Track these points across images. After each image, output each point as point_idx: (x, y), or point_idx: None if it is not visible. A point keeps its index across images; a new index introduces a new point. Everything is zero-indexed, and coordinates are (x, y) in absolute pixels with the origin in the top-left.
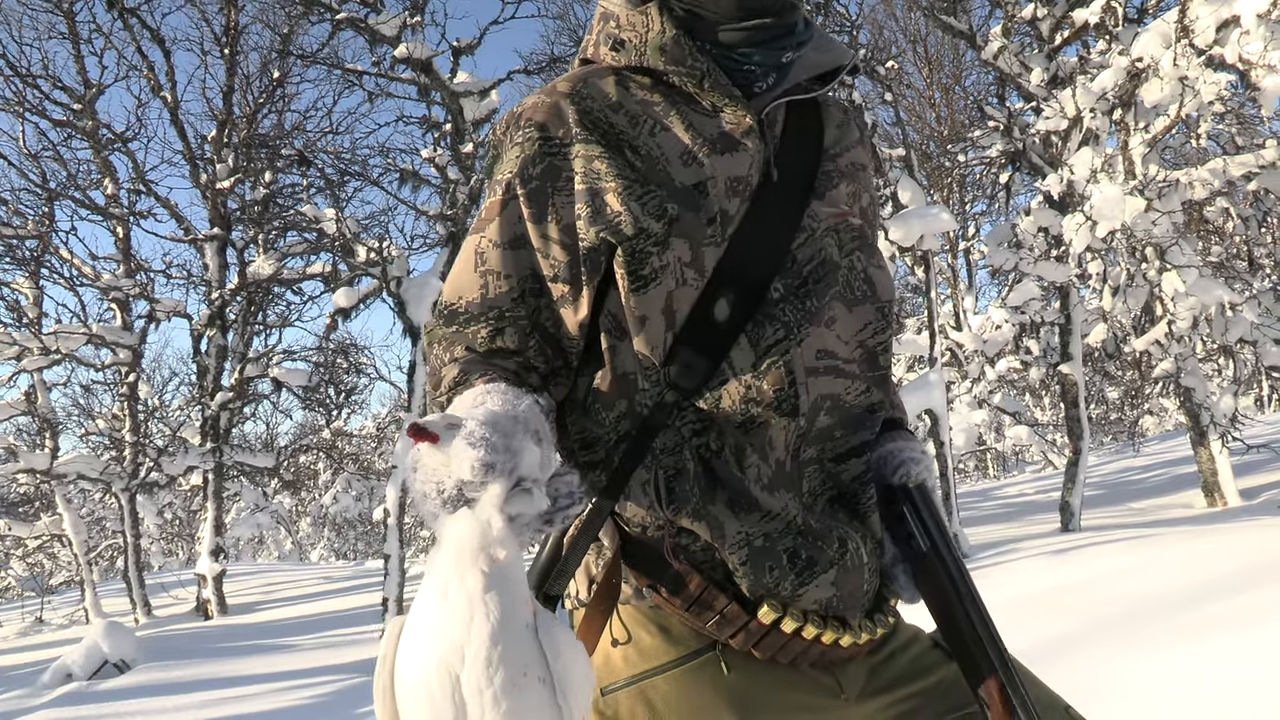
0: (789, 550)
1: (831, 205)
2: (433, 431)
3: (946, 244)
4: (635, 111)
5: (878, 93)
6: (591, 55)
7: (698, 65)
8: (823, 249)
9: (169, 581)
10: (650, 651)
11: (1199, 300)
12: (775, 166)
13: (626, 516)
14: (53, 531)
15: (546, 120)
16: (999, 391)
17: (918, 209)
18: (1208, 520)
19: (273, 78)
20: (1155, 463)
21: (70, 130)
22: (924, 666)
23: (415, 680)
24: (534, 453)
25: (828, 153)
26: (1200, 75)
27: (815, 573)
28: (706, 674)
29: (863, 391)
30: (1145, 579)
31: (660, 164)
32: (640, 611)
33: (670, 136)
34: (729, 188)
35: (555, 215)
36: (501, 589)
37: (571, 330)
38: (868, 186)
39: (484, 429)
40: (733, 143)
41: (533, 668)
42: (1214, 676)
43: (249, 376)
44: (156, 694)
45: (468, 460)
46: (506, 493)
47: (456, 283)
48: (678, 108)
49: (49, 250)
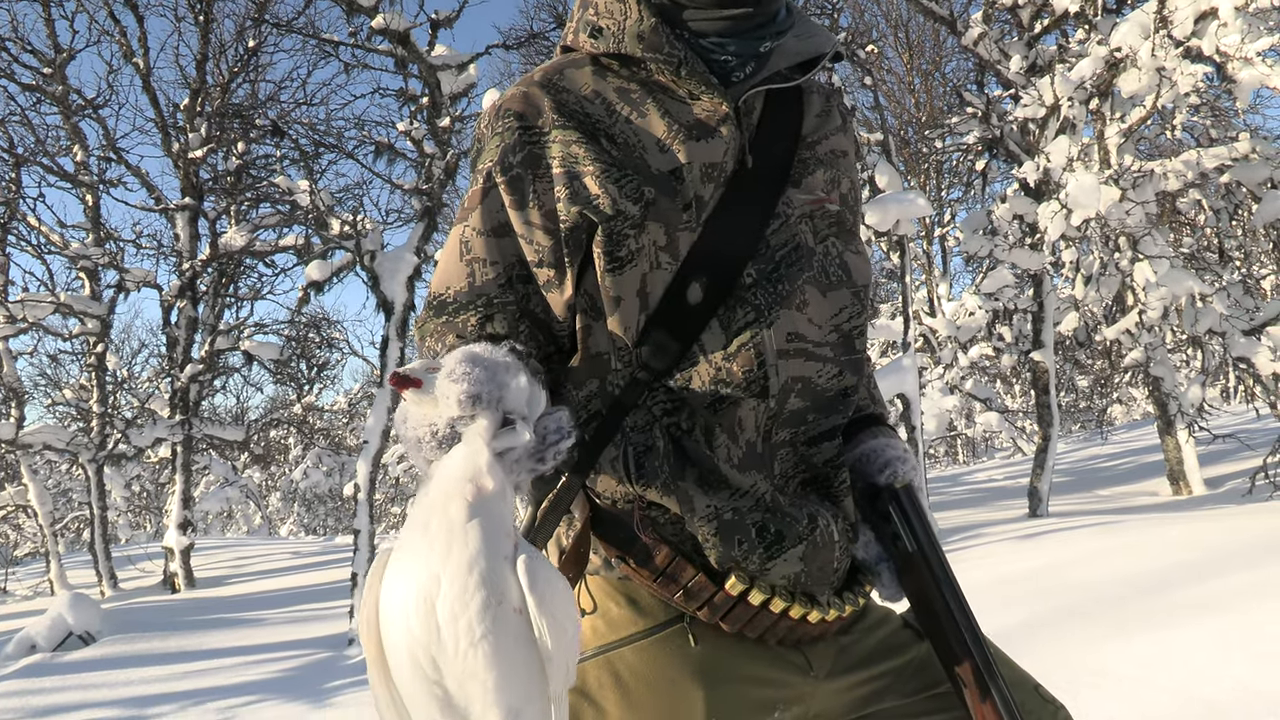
0: (758, 524)
1: (808, 192)
2: (415, 378)
3: (922, 230)
4: (611, 99)
5: (857, 76)
6: (571, 42)
7: (675, 52)
8: (796, 235)
9: (136, 554)
10: (618, 622)
11: (1170, 291)
12: (751, 153)
13: (597, 490)
14: (17, 502)
15: (524, 110)
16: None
17: (894, 194)
18: (1173, 508)
19: (247, 46)
20: (1123, 450)
21: (39, 95)
22: (894, 646)
23: (395, 610)
24: (521, 387)
25: (805, 140)
26: (1178, 66)
27: (784, 547)
28: (674, 645)
29: (835, 375)
30: (1111, 564)
31: (637, 150)
32: (609, 582)
33: (647, 123)
34: (704, 174)
35: (536, 201)
36: (484, 519)
37: (560, 314)
38: (848, 173)
39: (464, 364)
40: (708, 130)
41: (509, 597)
42: (1178, 661)
43: (219, 349)
44: (122, 666)
45: (454, 394)
46: (494, 426)
47: (444, 273)
48: (654, 95)
49: (16, 217)
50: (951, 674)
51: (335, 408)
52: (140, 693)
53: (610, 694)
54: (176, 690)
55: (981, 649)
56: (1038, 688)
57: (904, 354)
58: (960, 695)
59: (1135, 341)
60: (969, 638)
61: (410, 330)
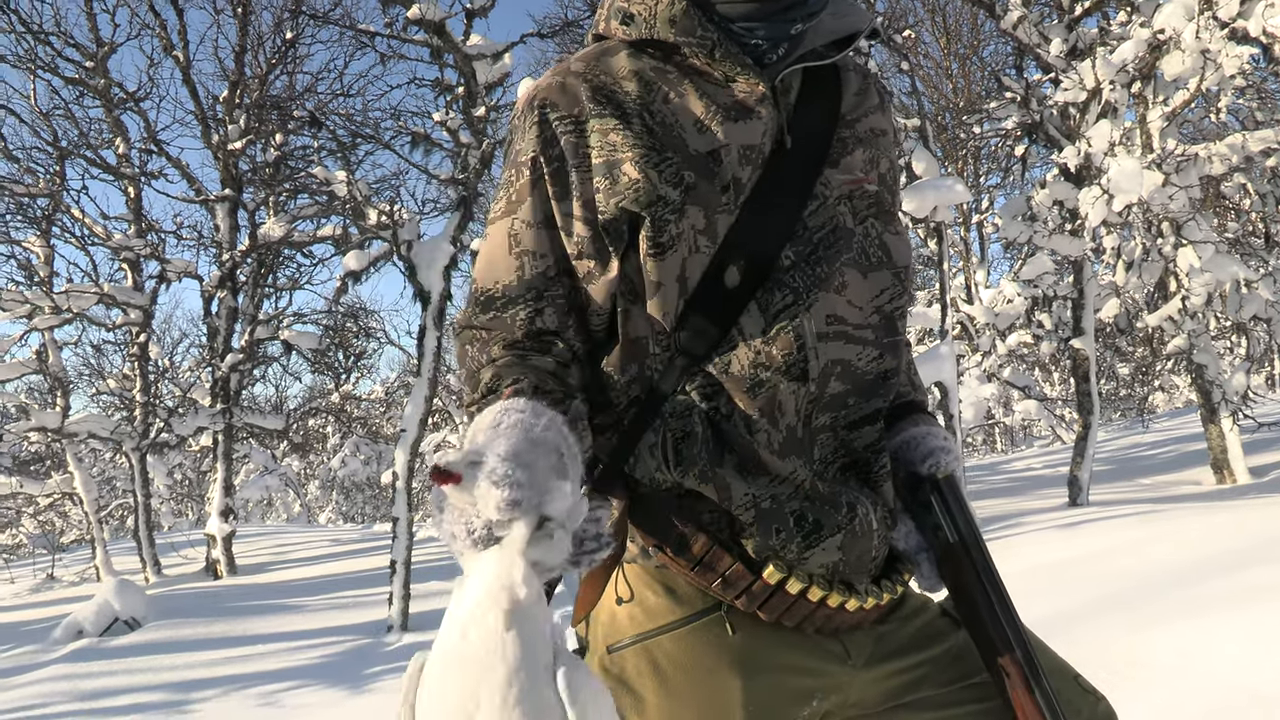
0: (796, 513)
1: (846, 172)
2: (455, 472)
3: (959, 216)
4: (650, 80)
5: (894, 61)
6: (603, 30)
7: (708, 35)
8: (835, 216)
9: (179, 541)
10: (656, 611)
11: (1214, 276)
12: (789, 134)
13: (635, 477)
14: (64, 490)
15: (560, 99)
16: (1009, 366)
17: (932, 180)
18: (1216, 497)
19: (285, 38)
20: (1164, 439)
21: (82, 88)
22: (932, 634)
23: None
24: (564, 494)
25: (844, 119)
26: (1223, 48)
27: (822, 536)
28: (711, 634)
29: (875, 358)
30: (1153, 554)
31: (675, 131)
32: (646, 571)
33: (684, 105)
34: (742, 156)
35: (578, 191)
36: (522, 629)
37: (602, 305)
38: (887, 152)
39: (506, 465)
40: (746, 111)
41: (550, 713)
42: (1220, 652)
43: (259, 339)
44: (167, 651)
45: (493, 500)
46: (531, 533)
47: (490, 268)
48: (690, 78)
49: (60, 209)
50: (991, 665)
51: (373, 396)
52: (184, 677)
53: (648, 682)
54: (220, 675)
55: (1022, 640)
56: (1077, 678)
57: (941, 341)
58: (1000, 686)
59: (1178, 328)
60: (1010, 629)
61: (448, 319)
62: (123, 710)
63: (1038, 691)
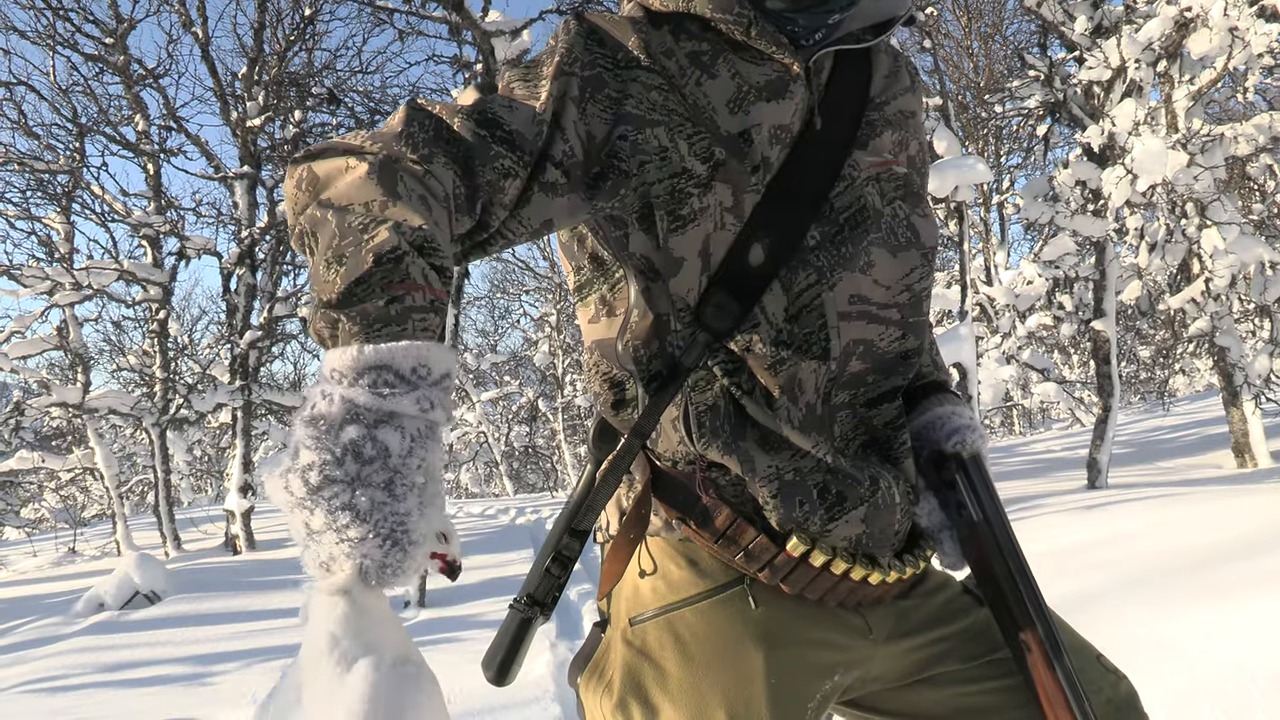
0: (819, 485)
1: (875, 154)
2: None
3: (980, 197)
4: (692, 50)
5: (915, 40)
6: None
7: (745, 13)
8: (861, 197)
9: (198, 517)
10: (679, 584)
11: (1238, 258)
12: (819, 115)
13: (658, 451)
14: (85, 465)
15: (607, 38)
16: (1028, 348)
17: (953, 159)
18: (1237, 480)
19: (304, 14)
20: (1185, 422)
21: (101, 65)
22: (954, 610)
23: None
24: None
25: (874, 101)
26: (1251, 26)
27: (845, 508)
28: (734, 607)
29: (898, 338)
30: (1172, 537)
31: (707, 111)
32: (669, 544)
33: (717, 83)
34: (772, 135)
35: (584, 116)
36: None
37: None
38: (916, 134)
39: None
40: (779, 91)
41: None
42: (1239, 635)
43: (278, 315)
44: (187, 624)
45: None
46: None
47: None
48: (724, 55)
49: (80, 185)
50: (1013, 641)
51: None
52: (204, 650)
53: (671, 654)
54: (239, 649)
55: (1045, 618)
56: (1100, 657)
57: (960, 322)
58: (1021, 663)
59: (1200, 310)
60: (1033, 607)
61: (465, 296)
62: (143, 682)
63: (1059, 669)
